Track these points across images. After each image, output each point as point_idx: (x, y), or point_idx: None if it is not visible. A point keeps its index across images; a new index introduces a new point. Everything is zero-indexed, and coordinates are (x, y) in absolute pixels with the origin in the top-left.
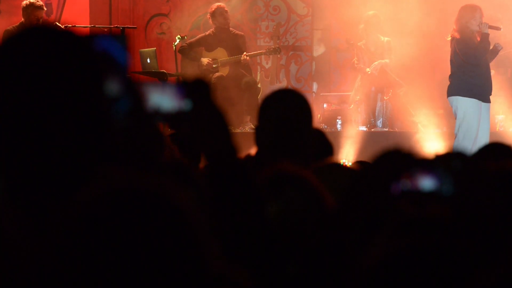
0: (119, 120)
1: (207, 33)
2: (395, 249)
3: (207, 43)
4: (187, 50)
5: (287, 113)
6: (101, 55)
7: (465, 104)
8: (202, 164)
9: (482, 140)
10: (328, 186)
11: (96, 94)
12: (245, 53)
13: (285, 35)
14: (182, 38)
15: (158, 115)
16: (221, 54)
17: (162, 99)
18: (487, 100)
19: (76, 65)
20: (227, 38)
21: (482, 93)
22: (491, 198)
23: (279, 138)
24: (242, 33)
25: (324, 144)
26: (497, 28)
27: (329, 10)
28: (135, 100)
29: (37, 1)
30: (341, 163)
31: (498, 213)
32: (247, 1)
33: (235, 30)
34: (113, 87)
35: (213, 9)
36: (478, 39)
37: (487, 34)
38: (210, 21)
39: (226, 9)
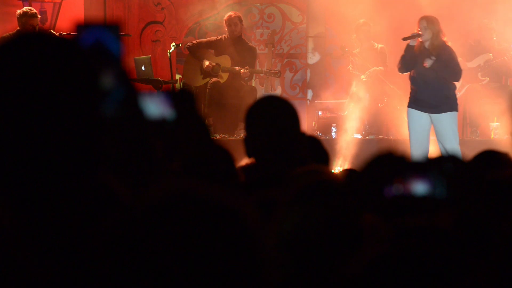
0: (114, 110)
1: (219, 37)
2: (389, 252)
3: (216, 47)
4: (195, 48)
5: (273, 121)
6: (95, 53)
7: (407, 113)
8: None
9: (421, 148)
10: None
11: (90, 97)
12: (247, 67)
13: (279, 43)
14: (177, 46)
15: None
16: (225, 61)
17: (147, 108)
18: (431, 111)
19: (70, 70)
20: (237, 48)
21: (420, 103)
22: (487, 204)
23: (267, 146)
24: (254, 46)
25: (319, 152)
26: (413, 36)
27: (324, 17)
28: (128, 89)
29: (30, 9)
30: (333, 170)
31: (494, 220)
32: (242, 9)
33: (248, 42)
34: (106, 80)
35: (225, 18)
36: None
37: (409, 46)
38: (224, 25)
39: (237, 20)
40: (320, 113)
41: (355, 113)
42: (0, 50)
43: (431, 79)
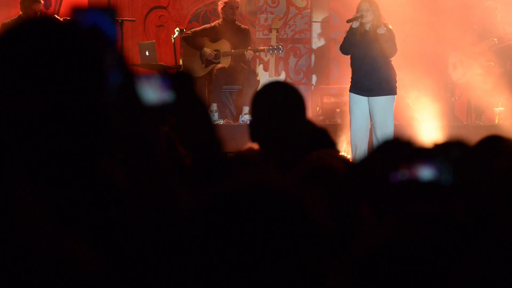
0: (112, 94)
1: (212, 24)
2: (394, 238)
3: (211, 34)
4: (191, 38)
5: (279, 106)
6: (94, 33)
7: (349, 97)
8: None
9: (362, 133)
10: None
11: (96, 83)
12: (249, 48)
13: (284, 28)
14: (181, 31)
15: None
16: (224, 46)
17: (146, 91)
18: (368, 94)
19: (75, 56)
20: (232, 31)
21: (358, 87)
22: (494, 191)
23: (273, 131)
24: (247, 27)
25: (326, 141)
26: (357, 18)
27: (328, 2)
28: (126, 74)
29: None
30: (337, 152)
31: (500, 207)
32: None
33: (240, 24)
34: (106, 63)
35: (226, 0)
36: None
37: (352, 29)
38: (219, 10)
39: (238, 4)
40: (324, 98)
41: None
42: (4, 37)
43: (369, 62)
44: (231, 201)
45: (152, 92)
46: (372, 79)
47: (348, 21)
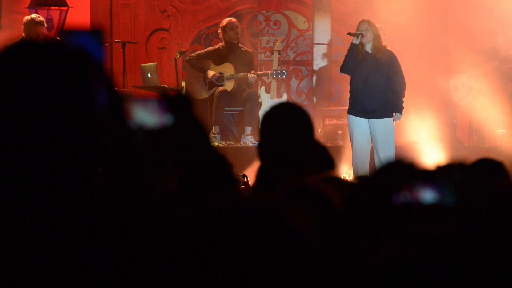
0: (99, 113)
1: (216, 46)
2: (399, 256)
3: (215, 57)
4: (195, 61)
5: (288, 127)
6: (80, 54)
7: (348, 120)
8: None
9: (363, 155)
10: None
11: (85, 102)
12: (253, 71)
13: (285, 50)
14: (183, 53)
15: (141, 131)
16: (228, 69)
17: (144, 115)
18: (369, 116)
19: (61, 77)
20: (236, 54)
21: (359, 108)
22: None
23: (282, 152)
24: (252, 50)
25: (325, 159)
26: (357, 34)
27: (330, 24)
28: (111, 96)
29: (38, 16)
30: (341, 177)
31: (500, 227)
32: (248, 16)
33: (244, 47)
34: (92, 84)
35: (224, 23)
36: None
37: (352, 44)
38: (221, 35)
39: (237, 24)
40: (326, 120)
41: None
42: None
43: (371, 85)
44: (213, 220)
45: (151, 115)
46: (374, 101)
47: (348, 34)
